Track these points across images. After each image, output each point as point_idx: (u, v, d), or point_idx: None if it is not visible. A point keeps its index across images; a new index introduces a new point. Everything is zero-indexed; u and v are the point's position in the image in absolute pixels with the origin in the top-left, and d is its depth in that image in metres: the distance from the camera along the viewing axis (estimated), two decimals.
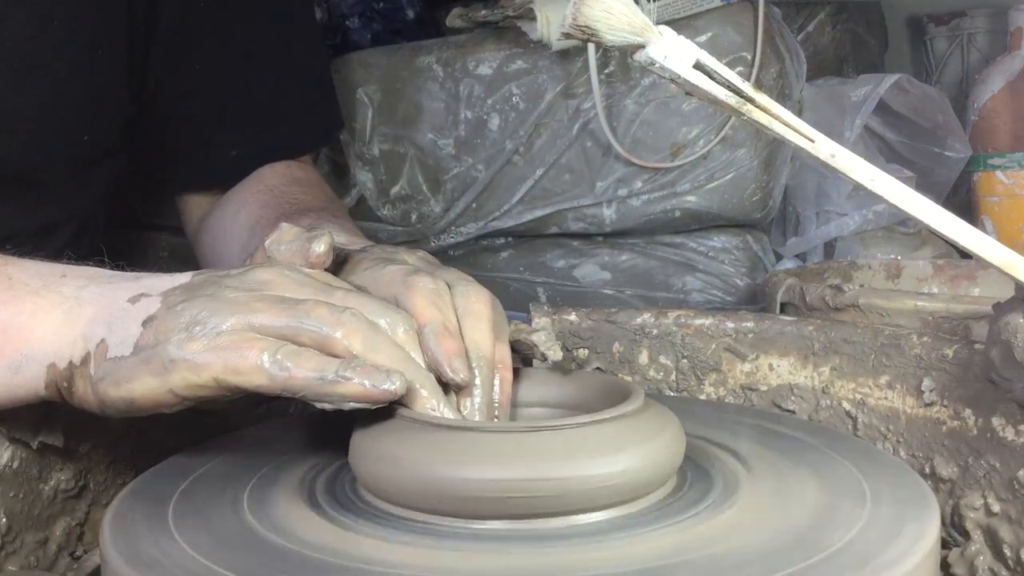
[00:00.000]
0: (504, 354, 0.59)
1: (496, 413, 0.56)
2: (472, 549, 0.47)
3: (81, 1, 0.83)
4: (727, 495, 0.52)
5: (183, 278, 0.58)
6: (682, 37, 0.49)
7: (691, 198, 1.21)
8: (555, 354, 0.60)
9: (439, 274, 0.60)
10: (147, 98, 0.93)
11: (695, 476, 0.55)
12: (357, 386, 0.50)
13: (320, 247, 0.59)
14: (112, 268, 0.61)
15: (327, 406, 0.51)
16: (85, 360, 0.55)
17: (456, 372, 0.54)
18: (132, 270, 0.60)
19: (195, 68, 0.94)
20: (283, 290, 0.55)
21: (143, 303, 0.56)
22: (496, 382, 0.57)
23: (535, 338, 0.61)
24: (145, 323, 0.54)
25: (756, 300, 1.22)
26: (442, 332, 0.55)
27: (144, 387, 0.53)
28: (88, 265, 0.61)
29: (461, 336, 0.56)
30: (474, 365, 0.55)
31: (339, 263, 0.64)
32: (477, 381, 0.55)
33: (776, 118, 0.50)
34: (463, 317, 0.57)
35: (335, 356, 0.52)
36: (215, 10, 0.94)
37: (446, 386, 0.55)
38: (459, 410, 0.55)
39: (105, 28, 0.86)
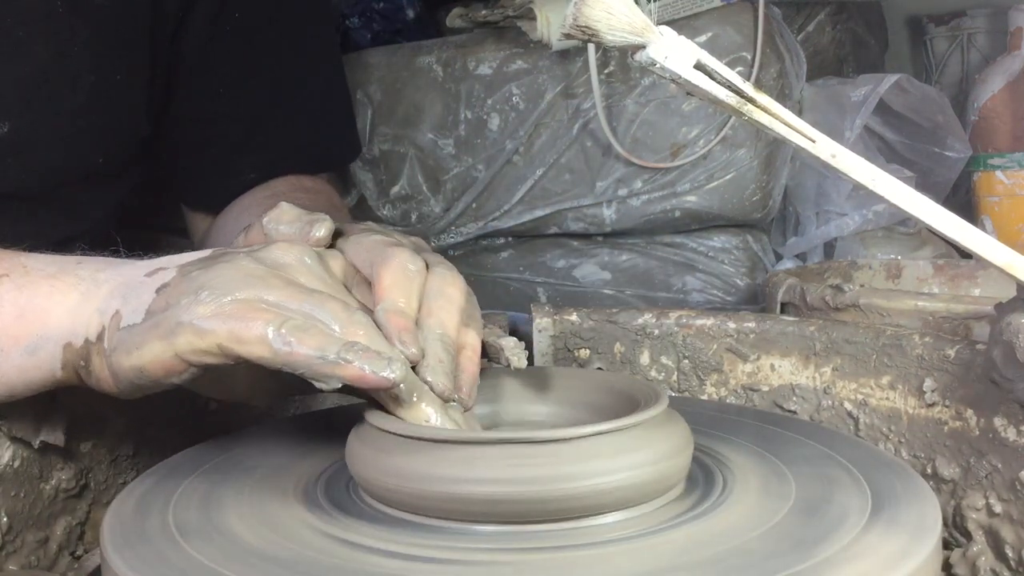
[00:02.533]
0: (471, 339, 0.58)
1: (462, 393, 0.55)
2: (476, 549, 0.47)
3: (101, 31, 0.82)
4: (728, 496, 0.52)
5: (202, 253, 0.58)
6: (682, 37, 0.49)
7: (691, 198, 1.21)
8: (519, 362, 0.60)
9: (423, 255, 0.59)
10: (166, 120, 0.93)
11: (697, 478, 0.55)
12: (356, 370, 0.50)
13: (321, 231, 0.59)
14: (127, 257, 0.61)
15: (323, 386, 0.51)
16: (100, 335, 0.55)
17: (405, 345, 0.53)
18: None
19: (219, 94, 0.94)
20: (300, 277, 0.55)
21: (160, 274, 0.55)
22: (463, 363, 0.56)
23: (503, 342, 0.60)
24: (159, 290, 0.54)
25: (756, 300, 1.22)
26: (394, 311, 0.54)
27: (152, 352, 0.52)
28: (104, 255, 0.61)
29: (419, 319, 0.56)
30: (436, 340, 0.55)
31: (334, 237, 0.63)
32: (443, 356, 0.54)
33: (777, 118, 0.50)
34: (434, 298, 0.57)
35: None
36: (241, 40, 0.93)
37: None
38: (423, 381, 0.54)
39: (126, 57, 0.86)
